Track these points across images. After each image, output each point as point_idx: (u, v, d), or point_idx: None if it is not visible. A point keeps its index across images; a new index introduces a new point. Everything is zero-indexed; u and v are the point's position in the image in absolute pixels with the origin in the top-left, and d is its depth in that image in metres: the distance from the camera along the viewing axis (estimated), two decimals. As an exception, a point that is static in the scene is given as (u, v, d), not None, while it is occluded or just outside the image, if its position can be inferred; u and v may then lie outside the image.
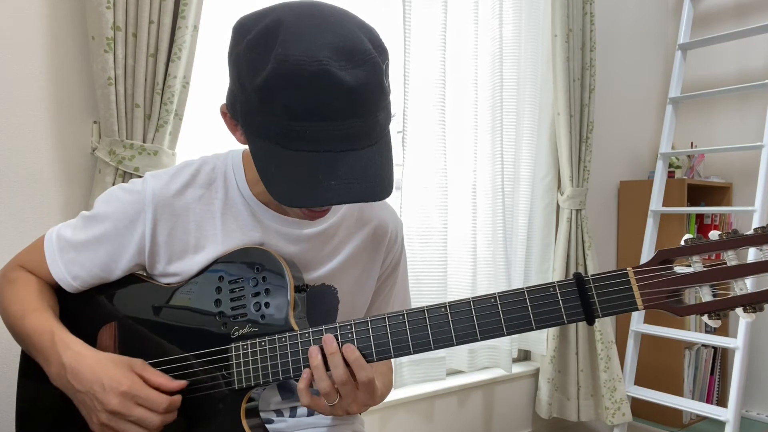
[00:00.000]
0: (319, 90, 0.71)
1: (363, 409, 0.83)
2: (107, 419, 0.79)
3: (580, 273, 0.77)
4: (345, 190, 0.74)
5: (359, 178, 0.75)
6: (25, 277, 0.94)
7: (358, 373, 0.79)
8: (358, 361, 0.79)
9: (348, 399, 0.80)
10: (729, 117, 2.95)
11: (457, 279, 2.15)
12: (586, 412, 2.41)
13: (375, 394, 0.82)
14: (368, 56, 0.74)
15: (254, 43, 0.75)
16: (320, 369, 0.79)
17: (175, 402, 0.83)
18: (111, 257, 0.91)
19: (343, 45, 0.73)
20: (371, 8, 2.00)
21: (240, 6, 1.75)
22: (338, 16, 0.77)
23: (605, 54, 2.77)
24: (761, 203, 2.30)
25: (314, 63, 0.71)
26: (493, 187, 2.18)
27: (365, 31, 0.77)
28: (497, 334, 0.78)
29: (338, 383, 0.79)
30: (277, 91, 0.72)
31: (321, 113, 0.73)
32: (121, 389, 0.79)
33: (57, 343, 0.84)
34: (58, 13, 1.41)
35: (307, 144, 0.74)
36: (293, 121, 0.73)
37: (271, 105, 0.73)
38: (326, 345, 0.80)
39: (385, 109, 0.79)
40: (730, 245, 0.71)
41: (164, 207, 0.90)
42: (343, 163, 0.74)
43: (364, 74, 0.73)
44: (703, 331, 2.81)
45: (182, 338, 0.89)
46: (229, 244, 0.91)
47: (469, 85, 2.13)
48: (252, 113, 0.77)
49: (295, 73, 0.71)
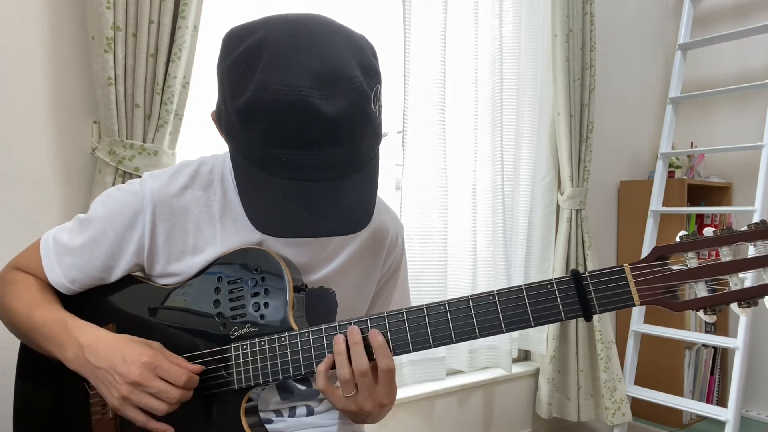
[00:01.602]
0: (298, 120, 0.71)
1: (377, 410, 0.81)
2: (128, 391, 0.79)
3: (577, 270, 0.77)
4: (314, 223, 0.74)
5: (333, 210, 0.75)
6: (24, 277, 0.94)
7: (380, 360, 0.79)
8: (382, 348, 0.79)
9: (365, 393, 0.79)
10: (729, 117, 2.95)
11: (457, 279, 2.15)
12: (586, 412, 2.41)
13: (393, 390, 0.81)
14: (353, 84, 0.73)
15: (237, 62, 0.75)
16: (343, 355, 0.79)
17: (193, 378, 0.83)
18: (110, 258, 0.91)
19: (327, 72, 0.72)
20: (371, 8, 2.01)
21: (240, 6, 1.75)
22: (327, 36, 0.76)
23: (605, 54, 2.77)
24: (761, 203, 2.30)
25: (293, 93, 0.70)
26: (493, 187, 2.18)
27: (356, 53, 0.76)
28: (496, 331, 0.78)
29: (358, 374, 0.78)
30: (256, 118, 0.72)
31: (299, 142, 0.72)
32: (143, 360, 0.80)
33: (71, 329, 0.85)
34: (58, 13, 1.41)
35: (285, 171, 0.74)
36: (271, 148, 0.73)
37: (251, 129, 0.74)
38: (351, 335, 0.80)
39: (371, 135, 0.78)
40: (725, 241, 0.72)
41: (163, 208, 0.89)
42: (318, 192, 0.74)
43: (347, 104, 0.73)
44: (703, 331, 2.81)
45: (181, 339, 0.89)
46: (228, 246, 0.91)
47: (469, 85, 2.13)
48: (233, 131, 0.77)
49: (273, 102, 0.71)
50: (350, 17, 1.95)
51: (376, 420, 0.85)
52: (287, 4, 1.79)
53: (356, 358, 0.79)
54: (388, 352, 0.79)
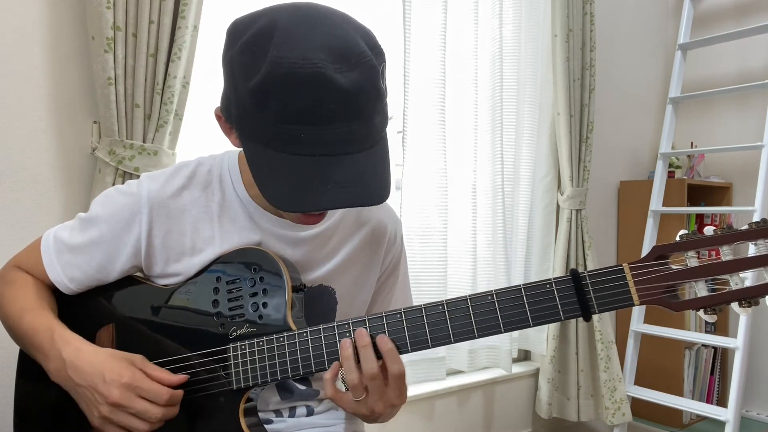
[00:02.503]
0: (314, 93, 0.71)
1: (388, 410, 0.81)
2: (108, 412, 0.79)
3: (576, 269, 0.77)
4: (339, 194, 0.73)
5: (354, 183, 0.74)
6: (23, 277, 0.94)
7: (390, 365, 0.78)
8: (391, 353, 0.78)
9: (375, 395, 0.79)
10: (729, 117, 2.94)
11: (457, 279, 2.15)
12: (586, 412, 2.41)
13: (403, 391, 0.81)
14: (364, 58, 0.74)
15: (248, 45, 0.74)
16: (351, 360, 0.78)
17: (176, 395, 0.83)
18: (107, 259, 0.91)
19: (339, 47, 0.72)
20: (371, 8, 2.01)
21: (240, 6, 1.75)
22: (333, 18, 0.76)
23: (605, 54, 2.77)
24: (761, 203, 2.30)
25: (309, 65, 0.70)
26: (493, 187, 2.18)
27: (361, 33, 0.76)
28: (495, 331, 0.78)
29: (368, 377, 0.77)
30: (272, 94, 0.72)
31: (316, 116, 0.72)
32: (122, 381, 0.79)
33: (56, 340, 0.84)
34: (58, 13, 1.41)
35: (302, 148, 0.73)
36: (287, 125, 0.73)
37: (265, 108, 0.73)
38: (359, 338, 0.79)
39: (382, 111, 0.78)
40: (726, 240, 0.72)
41: (160, 209, 0.89)
42: (338, 167, 0.74)
43: (360, 77, 0.73)
44: (703, 331, 2.81)
45: (180, 339, 0.89)
46: (227, 247, 0.91)
47: (469, 85, 2.13)
48: (246, 116, 0.76)
49: (289, 75, 0.70)
50: (350, 17, 1.95)
51: (387, 419, 0.85)
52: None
53: (366, 362, 0.78)
54: (397, 356, 0.79)
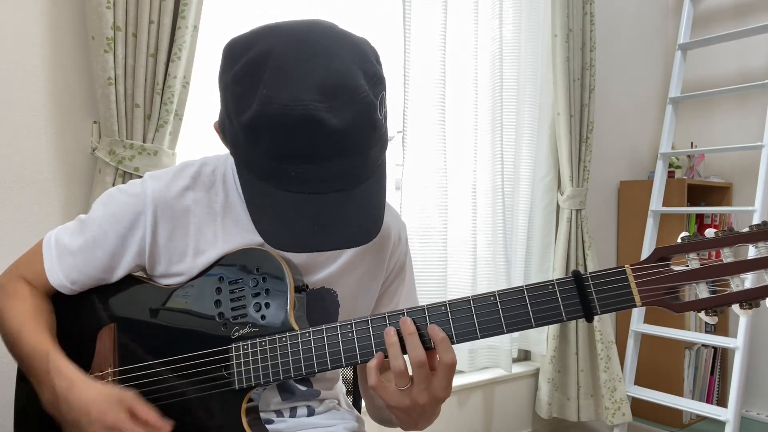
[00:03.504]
0: (305, 135, 0.70)
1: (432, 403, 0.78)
2: None
3: (579, 270, 0.77)
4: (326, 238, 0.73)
5: (342, 224, 0.74)
6: (23, 290, 0.93)
7: (443, 354, 0.76)
8: (444, 342, 0.77)
9: (421, 385, 0.76)
10: (729, 117, 2.95)
11: (457, 279, 2.15)
12: (586, 412, 2.41)
13: (450, 383, 0.79)
14: (359, 94, 0.72)
15: (240, 76, 0.74)
16: (396, 347, 0.77)
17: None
18: (111, 259, 0.91)
19: (332, 83, 0.71)
20: (371, 8, 2.01)
21: (240, 6, 1.75)
22: (331, 45, 0.74)
23: (605, 54, 2.77)
24: (761, 203, 2.30)
25: (299, 107, 0.69)
26: (493, 187, 2.18)
27: (360, 61, 0.75)
28: (497, 332, 0.78)
29: (415, 364, 0.76)
30: (262, 133, 0.72)
31: (306, 156, 0.72)
32: (106, 422, 0.78)
33: (51, 371, 0.83)
34: (58, 13, 1.41)
35: (293, 185, 0.73)
36: (279, 163, 0.73)
37: (257, 145, 0.73)
38: (404, 326, 0.78)
39: (379, 142, 0.78)
40: (727, 242, 0.72)
41: (164, 209, 0.89)
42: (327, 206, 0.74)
43: (353, 115, 0.72)
44: (703, 331, 2.81)
45: (182, 339, 0.89)
46: (229, 247, 0.91)
47: (469, 85, 2.13)
48: (239, 146, 0.76)
49: (279, 117, 0.70)
50: (350, 17, 1.95)
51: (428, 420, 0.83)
52: (287, 5, 1.79)
53: (413, 349, 0.76)
54: (450, 346, 0.77)
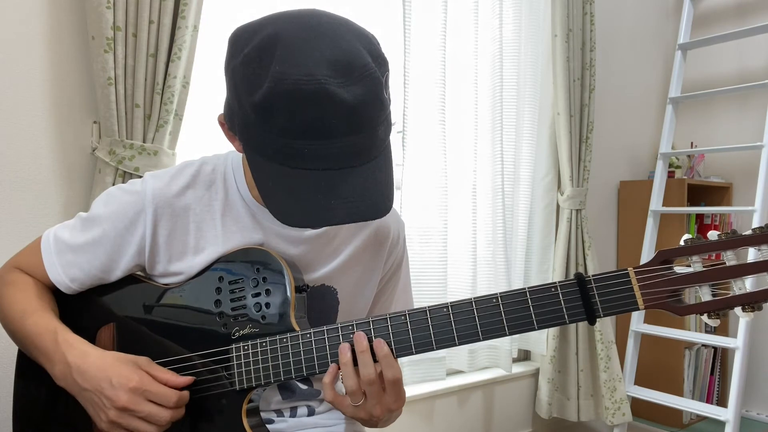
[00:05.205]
0: (318, 109, 0.70)
1: (386, 414, 0.81)
2: (116, 416, 0.79)
3: (582, 273, 0.77)
4: (344, 210, 0.73)
5: (359, 197, 0.74)
6: (23, 279, 0.94)
7: (385, 370, 0.78)
8: (387, 358, 0.79)
9: (373, 400, 0.79)
10: (729, 117, 2.95)
11: (457, 279, 2.15)
12: (586, 412, 2.41)
13: (401, 396, 0.81)
14: (367, 71, 0.73)
15: (251, 58, 0.74)
16: (349, 366, 0.79)
17: (183, 397, 0.83)
18: (110, 258, 0.91)
19: (342, 60, 0.72)
20: (371, 8, 2.00)
21: (240, 6, 1.75)
22: (336, 28, 0.75)
23: (605, 54, 2.77)
24: (761, 203, 2.30)
25: (312, 82, 0.70)
26: (493, 187, 2.17)
27: (364, 42, 0.76)
28: (499, 334, 0.78)
29: (365, 382, 0.78)
30: (275, 111, 0.72)
31: (320, 132, 0.72)
32: (130, 385, 0.79)
33: (60, 343, 0.83)
34: (58, 13, 1.41)
35: (306, 162, 0.73)
36: (292, 140, 0.72)
37: (269, 123, 0.73)
38: (357, 342, 0.79)
39: (385, 122, 0.78)
40: (729, 245, 0.72)
41: (164, 207, 0.89)
42: (342, 181, 0.74)
43: (363, 90, 0.72)
44: (703, 331, 2.81)
45: (182, 339, 0.89)
46: (229, 246, 0.91)
47: (469, 85, 2.13)
48: (249, 129, 0.76)
49: (293, 92, 0.70)
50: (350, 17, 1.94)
51: (387, 424, 0.85)
52: (287, 5, 1.79)
53: (364, 367, 0.78)
54: (393, 361, 0.79)
